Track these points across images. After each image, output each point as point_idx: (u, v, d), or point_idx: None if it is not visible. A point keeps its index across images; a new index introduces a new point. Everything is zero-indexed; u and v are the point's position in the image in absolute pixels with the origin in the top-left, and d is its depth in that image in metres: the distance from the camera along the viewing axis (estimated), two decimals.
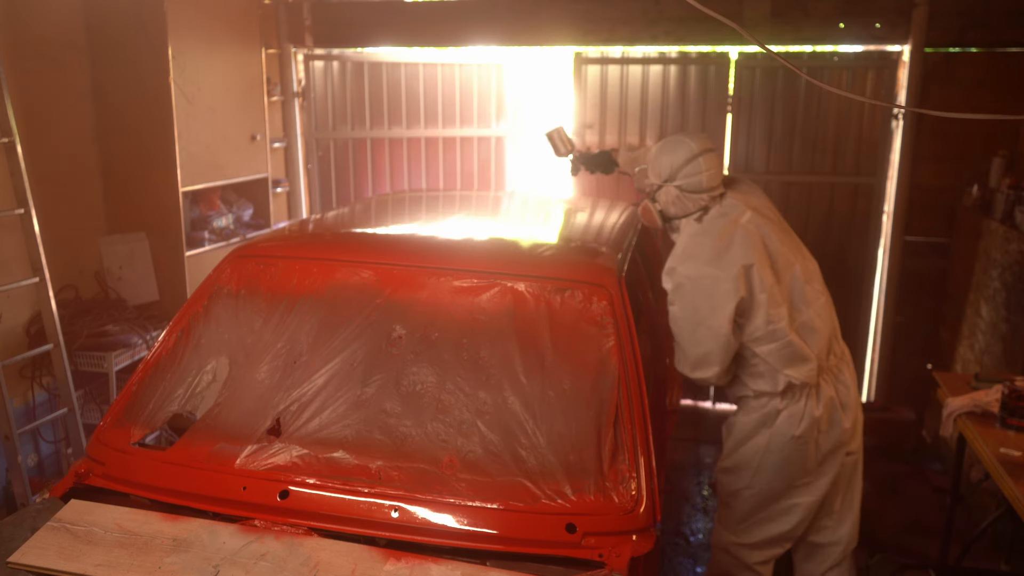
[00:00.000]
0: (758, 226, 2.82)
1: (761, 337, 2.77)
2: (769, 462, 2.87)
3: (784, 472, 2.87)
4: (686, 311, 2.78)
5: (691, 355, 2.82)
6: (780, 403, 2.84)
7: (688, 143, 2.87)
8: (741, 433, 2.93)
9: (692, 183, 2.84)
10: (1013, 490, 2.48)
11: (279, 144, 5.70)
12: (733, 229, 2.79)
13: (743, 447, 2.92)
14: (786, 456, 2.85)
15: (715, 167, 2.87)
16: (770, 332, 2.76)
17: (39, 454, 4.05)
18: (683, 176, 2.84)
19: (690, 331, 2.79)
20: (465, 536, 1.93)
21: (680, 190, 2.86)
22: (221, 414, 2.26)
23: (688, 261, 2.80)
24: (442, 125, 6.03)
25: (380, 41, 5.63)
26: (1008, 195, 4.14)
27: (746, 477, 2.91)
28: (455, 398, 2.20)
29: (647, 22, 5.16)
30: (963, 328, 4.57)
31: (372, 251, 2.67)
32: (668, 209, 2.93)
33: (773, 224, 2.90)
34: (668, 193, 2.89)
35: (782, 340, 2.76)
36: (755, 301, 2.74)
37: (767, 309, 2.74)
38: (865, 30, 4.89)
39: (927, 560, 3.74)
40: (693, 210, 2.89)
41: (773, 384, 2.82)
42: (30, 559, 1.84)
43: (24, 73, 3.95)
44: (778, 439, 2.84)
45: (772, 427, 2.85)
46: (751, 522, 2.97)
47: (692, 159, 2.83)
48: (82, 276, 4.39)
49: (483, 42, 5.46)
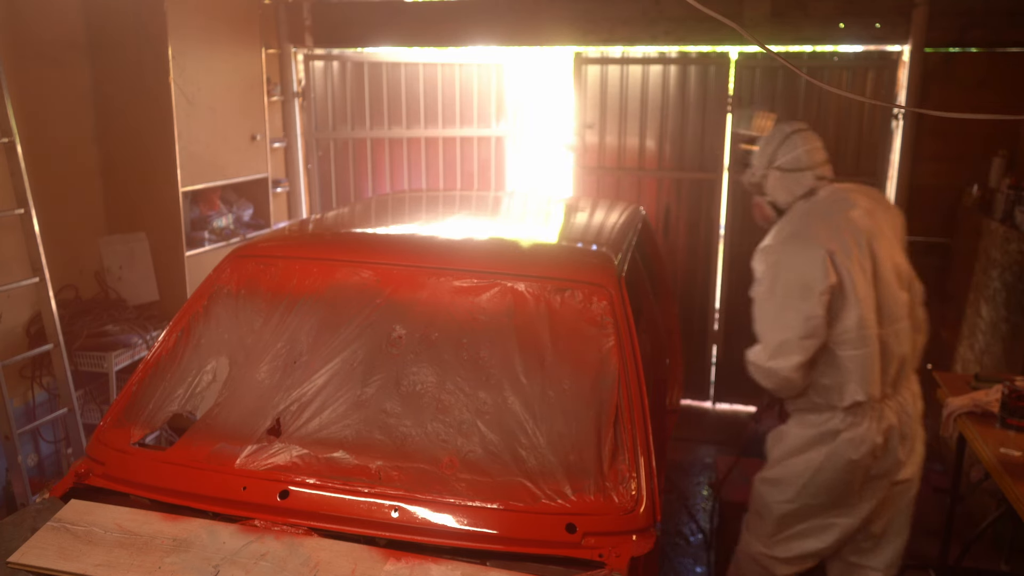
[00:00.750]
0: (866, 225, 2.74)
1: (850, 340, 2.65)
2: (819, 480, 2.75)
3: (831, 492, 2.76)
4: (776, 291, 2.69)
5: (772, 341, 2.68)
6: (842, 422, 2.71)
7: (781, 126, 2.93)
8: (793, 446, 2.81)
9: (790, 160, 2.86)
10: (1013, 490, 2.48)
11: (279, 144, 5.70)
12: (840, 218, 2.74)
13: (792, 460, 2.81)
14: (838, 477, 2.74)
15: (811, 144, 2.88)
16: (861, 336, 2.65)
17: (39, 454, 4.05)
18: (781, 155, 2.87)
19: (775, 314, 2.69)
20: (465, 536, 1.93)
21: (782, 171, 2.87)
22: (221, 414, 2.26)
23: (788, 240, 2.76)
24: (442, 125, 6.03)
25: (380, 41, 5.63)
26: (1008, 195, 4.14)
27: (789, 491, 2.81)
28: (455, 398, 2.20)
29: (647, 22, 5.16)
30: (963, 328, 4.57)
31: (372, 251, 2.67)
32: (776, 196, 2.91)
33: (883, 232, 2.80)
34: (773, 179, 2.90)
35: (870, 348, 2.66)
36: (848, 299, 2.64)
37: (862, 311, 2.64)
38: (865, 30, 4.89)
39: (927, 560, 3.74)
40: (799, 192, 2.87)
41: (839, 398, 2.70)
42: (30, 559, 1.84)
43: (24, 73, 3.95)
44: (834, 460, 2.72)
45: (830, 446, 2.72)
46: (786, 536, 2.87)
47: (786, 138, 2.88)
48: (82, 276, 4.39)
49: (483, 42, 5.46)
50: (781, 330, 2.68)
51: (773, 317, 2.71)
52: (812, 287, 2.61)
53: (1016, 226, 3.97)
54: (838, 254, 2.64)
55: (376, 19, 5.54)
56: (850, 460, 2.71)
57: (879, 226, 2.79)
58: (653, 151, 5.41)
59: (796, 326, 2.64)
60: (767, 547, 2.92)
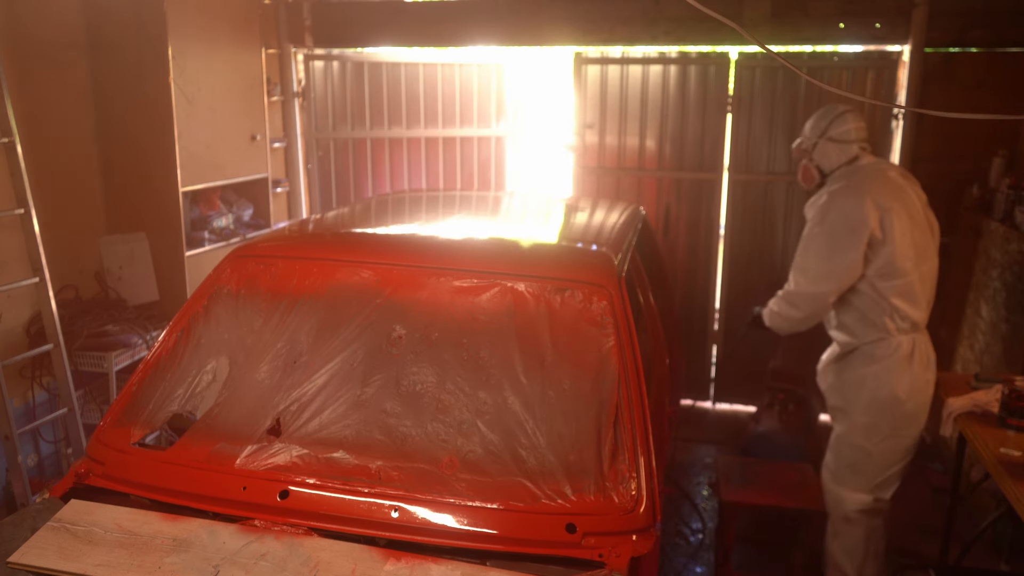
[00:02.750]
0: (901, 184, 3.31)
1: (887, 274, 3.20)
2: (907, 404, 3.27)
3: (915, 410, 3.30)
4: (825, 229, 3.25)
5: (818, 269, 3.27)
6: (907, 342, 3.27)
7: (834, 105, 3.51)
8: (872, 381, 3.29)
9: (841, 132, 3.40)
10: (1013, 490, 2.48)
11: (279, 144, 5.70)
12: (881, 177, 3.31)
13: (878, 395, 3.28)
14: (917, 395, 3.29)
15: (859, 121, 3.43)
16: (898, 268, 3.19)
17: (39, 454, 4.06)
18: (834, 128, 3.41)
19: (822, 247, 3.26)
20: (465, 536, 1.93)
21: (832, 141, 3.41)
22: (221, 414, 2.26)
23: (838, 192, 3.29)
24: (442, 125, 6.03)
25: (380, 41, 5.63)
26: (1008, 195, 4.14)
27: (884, 426, 3.29)
28: (455, 398, 2.20)
29: (647, 22, 5.16)
30: (963, 328, 4.57)
31: (372, 251, 2.67)
32: (824, 162, 3.45)
33: (915, 190, 3.36)
34: (823, 147, 3.43)
35: (911, 278, 3.21)
36: (886, 237, 3.17)
37: (898, 246, 3.17)
38: (865, 30, 4.89)
39: (927, 560, 3.74)
40: (844, 160, 3.41)
41: (891, 323, 3.24)
42: (30, 559, 1.84)
43: (24, 73, 3.95)
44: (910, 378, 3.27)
45: (904, 367, 3.26)
46: (890, 474, 3.34)
47: (840, 115, 3.42)
48: (82, 276, 4.39)
49: (483, 42, 5.47)
50: (827, 259, 3.25)
51: (819, 250, 3.28)
52: (856, 228, 3.17)
53: (1016, 226, 3.97)
54: (882, 200, 3.19)
55: (376, 19, 5.54)
56: (915, 376, 3.26)
57: (912, 186, 3.37)
58: (653, 151, 5.41)
59: (840, 258, 3.21)
60: (875, 491, 3.34)
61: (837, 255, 3.21)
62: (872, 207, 3.16)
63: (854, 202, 3.19)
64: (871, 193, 3.19)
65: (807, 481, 3.65)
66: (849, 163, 3.40)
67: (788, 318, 3.45)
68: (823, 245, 3.26)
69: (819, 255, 3.27)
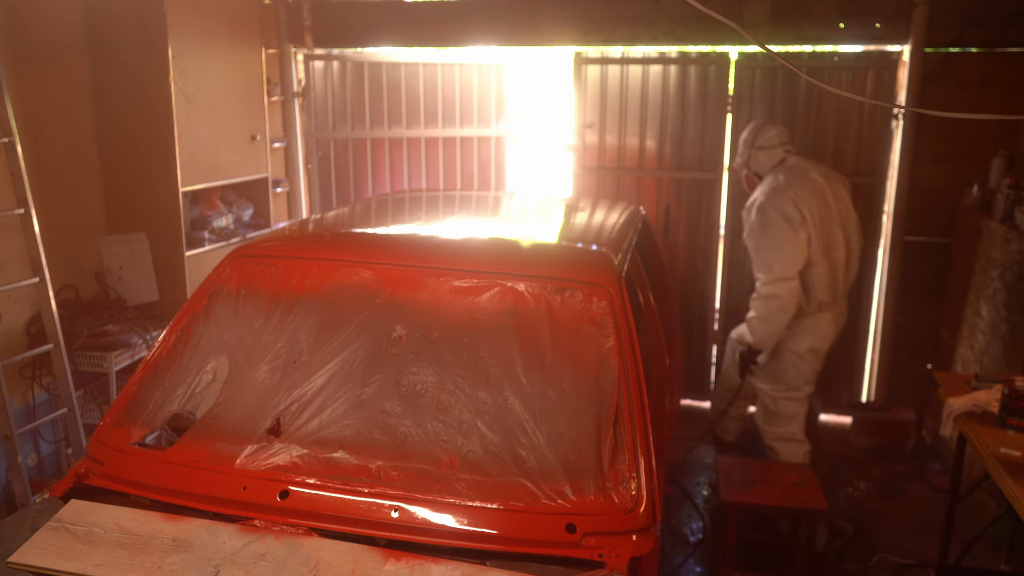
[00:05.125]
0: (820, 183, 4.07)
1: (818, 261, 4.01)
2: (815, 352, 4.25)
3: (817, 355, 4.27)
4: (770, 230, 3.97)
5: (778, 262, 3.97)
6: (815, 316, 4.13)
7: (757, 120, 4.43)
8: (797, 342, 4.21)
9: (766, 140, 4.23)
10: (1013, 490, 2.48)
11: (279, 144, 5.70)
12: (803, 178, 4.06)
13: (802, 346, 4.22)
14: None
15: (779, 127, 4.26)
16: (817, 259, 4.00)
17: (39, 454, 4.06)
18: (759, 138, 4.24)
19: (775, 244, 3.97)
20: (465, 536, 1.93)
21: (760, 149, 4.22)
22: (221, 414, 2.26)
23: (768, 193, 4.04)
24: (442, 125, 6.03)
25: (380, 41, 5.63)
26: (1008, 195, 4.14)
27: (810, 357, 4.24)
28: (455, 398, 2.20)
29: (647, 22, 5.16)
30: (963, 328, 4.57)
31: (372, 251, 2.67)
32: (759, 168, 4.25)
33: (834, 188, 4.12)
34: (755, 156, 4.25)
35: (824, 267, 4.02)
36: (813, 231, 3.96)
37: (815, 239, 3.97)
38: (865, 30, 4.89)
39: (927, 560, 3.74)
40: (774, 163, 4.21)
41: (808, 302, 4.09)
42: (30, 559, 1.84)
43: (24, 73, 3.95)
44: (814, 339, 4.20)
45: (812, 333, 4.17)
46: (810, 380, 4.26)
47: (762, 126, 4.26)
48: (82, 276, 4.39)
49: (483, 42, 5.47)
50: (781, 250, 3.95)
51: (772, 245, 3.98)
52: (792, 219, 3.95)
53: (1016, 226, 3.97)
54: (798, 198, 3.97)
55: (376, 19, 5.54)
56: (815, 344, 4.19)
57: (831, 184, 4.12)
58: (653, 151, 5.41)
59: (789, 246, 3.94)
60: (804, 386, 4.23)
61: (786, 244, 3.94)
62: (792, 204, 3.94)
63: (783, 199, 3.97)
64: (792, 189, 3.99)
65: (807, 481, 3.65)
66: (780, 164, 4.18)
67: (770, 318, 4.03)
68: (775, 240, 3.97)
69: (774, 249, 3.98)
